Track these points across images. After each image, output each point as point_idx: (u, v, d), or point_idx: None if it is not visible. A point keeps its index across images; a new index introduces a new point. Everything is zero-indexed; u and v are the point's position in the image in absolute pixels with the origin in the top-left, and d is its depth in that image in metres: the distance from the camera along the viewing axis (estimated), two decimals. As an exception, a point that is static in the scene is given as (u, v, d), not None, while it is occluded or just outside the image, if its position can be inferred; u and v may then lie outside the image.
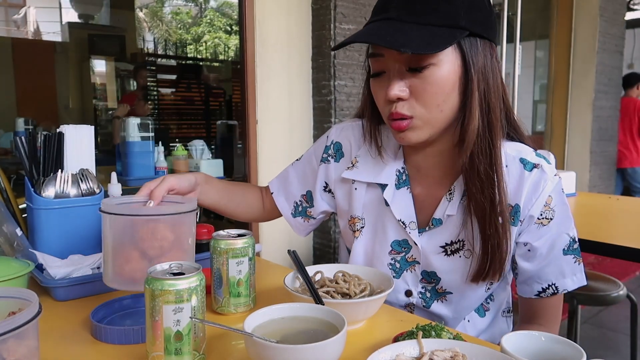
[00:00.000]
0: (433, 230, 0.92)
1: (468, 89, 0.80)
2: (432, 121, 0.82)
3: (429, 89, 0.79)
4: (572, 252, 0.89)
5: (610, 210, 2.29)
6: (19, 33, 4.73)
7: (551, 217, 0.87)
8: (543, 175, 0.86)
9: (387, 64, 0.81)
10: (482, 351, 0.62)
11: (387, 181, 0.94)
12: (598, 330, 2.93)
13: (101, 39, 5.00)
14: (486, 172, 0.82)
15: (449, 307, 0.94)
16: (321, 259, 2.63)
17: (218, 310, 0.88)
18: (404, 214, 0.93)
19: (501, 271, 0.88)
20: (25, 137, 1.02)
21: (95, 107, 5.19)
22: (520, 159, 0.88)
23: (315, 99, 2.56)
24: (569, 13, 4.24)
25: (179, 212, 0.78)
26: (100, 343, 0.76)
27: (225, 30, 6.67)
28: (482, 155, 0.82)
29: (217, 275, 0.87)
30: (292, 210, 1.09)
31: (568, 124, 4.36)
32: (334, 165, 1.02)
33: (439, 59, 0.78)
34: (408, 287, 0.96)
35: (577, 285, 0.90)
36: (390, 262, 0.96)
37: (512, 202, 0.87)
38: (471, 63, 0.79)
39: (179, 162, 2.70)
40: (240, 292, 0.87)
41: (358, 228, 0.99)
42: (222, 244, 0.86)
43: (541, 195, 0.86)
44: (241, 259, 0.86)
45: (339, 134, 1.03)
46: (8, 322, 0.52)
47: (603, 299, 1.94)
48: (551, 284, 0.90)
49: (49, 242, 0.99)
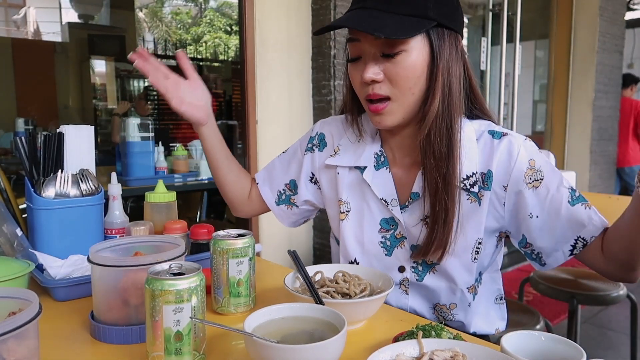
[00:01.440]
0: (412, 205, 0.97)
1: (433, 75, 0.88)
2: (405, 103, 0.89)
3: (401, 73, 0.87)
4: (577, 200, 0.90)
5: (610, 210, 2.28)
6: (19, 33, 4.74)
7: (541, 178, 0.90)
8: (513, 141, 0.92)
9: (363, 48, 0.89)
10: (482, 351, 0.62)
11: (366, 163, 1.01)
12: (598, 330, 2.93)
13: (101, 39, 5.00)
14: (440, 150, 0.89)
15: (440, 278, 0.97)
16: (321, 259, 2.63)
17: (218, 310, 0.87)
18: (385, 193, 0.99)
19: (443, 250, 0.92)
20: (25, 137, 1.02)
21: (95, 107, 5.19)
22: (489, 130, 0.94)
23: (315, 99, 2.56)
24: (569, 13, 4.24)
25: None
26: (100, 343, 0.76)
27: (225, 31, 6.67)
28: (438, 135, 0.89)
29: (217, 275, 0.87)
30: (276, 198, 1.14)
31: (568, 124, 4.36)
32: (318, 155, 1.10)
33: (409, 46, 0.86)
34: (400, 263, 0.99)
35: (601, 227, 0.89)
36: (381, 240, 1.00)
37: (484, 170, 0.92)
38: (438, 51, 0.87)
39: (179, 162, 2.70)
40: (240, 292, 0.87)
41: (344, 210, 1.03)
42: (222, 244, 0.86)
43: (518, 159, 0.90)
44: (241, 259, 0.86)
45: (323, 127, 1.12)
46: (8, 322, 0.52)
47: (603, 299, 1.94)
48: (577, 238, 0.90)
49: (49, 242, 0.99)
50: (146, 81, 5.09)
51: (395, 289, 1.00)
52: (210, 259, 0.88)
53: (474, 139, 0.94)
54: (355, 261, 1.02)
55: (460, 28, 0.91)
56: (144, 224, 1.09)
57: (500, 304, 1.06)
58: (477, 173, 0.92)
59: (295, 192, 1.12)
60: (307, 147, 1.12)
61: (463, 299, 0.98)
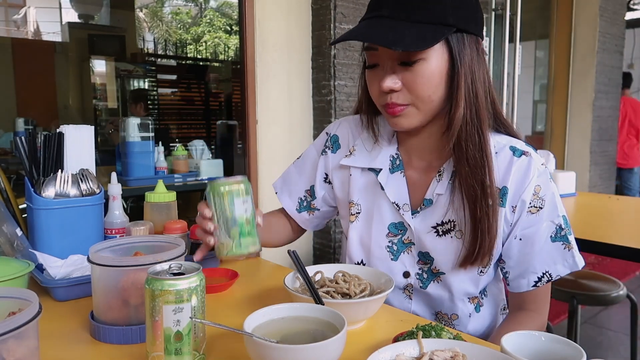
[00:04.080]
0: (425, 211, 0.96)
1: (454, 81, 0.86)
2: (423, 109, 0.88)
3: (419, 81, 0.85)
4: (560, 239, 0.92)
5: (610, 210, 2.29)
6: (19, 33, 4.73)
7: (540, 206, 0.91)
8: (531, 162, 0.91)
9: (381, 57, 0.88)
10: (482, 351, 0.62)
11: (381, 166, 1.00)
12: (598, 330, 2.93)
13: (101, 39, 4.99)
14: (474, 156, 0.88)
15: (444, 288, 0.97)
16: (321, 259, 2.63)
17: (229, 255, 0.85)
18: (397, 197, 0.98)
19: (490, 255, 0.91)
20: (25, 137, 1.02)
21: (95, 107, 5.18)
22: (510, 146, 0.93)
23: (315, 99, 2.56)
24: (569, 13, 4.23)
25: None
26: (100, 343, 0.76)
27: (225, 30, 6.66)
28: (470, 141, 0.88)
29: (222, 219, 0.84)
30: (297, 206, 1.13)
31: (568, 124, 4.35)
32: (332, 156, 1.09)
33: (428, 54, 0.84)
34: (406, 269, 0.99)
35: (571, 270, 0.93)
36: (388, 244, 0.99)
37: (499, 185, 0.91)
38: (458, 57, 0.85)
39: (179, 162, 2.70)
40: (249, 231, 0.84)
41: (354, 212, 1.03)
42: (224, 185, 0.83)
43: (531, 181, 0.90)
44: (245, 197, 0.84)
45: (337, 128, 1.10)
46: (8, 322, 0.52)
47: (603, 299, 1.94)
48: (545, 272, 0.92)
49: (49, 242, 0.99)
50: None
51: (399, 293, 1.00)
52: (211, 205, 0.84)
53: (493, 152, 0.91)
54: (362, 262, 1.02)
55: (480, 30, 0.89)
56: (144, 224, 1.09)
57: (505, 314, 1.06)
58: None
59: (314, 197, 1.11)
60: (322, 150, 1.11)
61: (464, 310, 0.98)
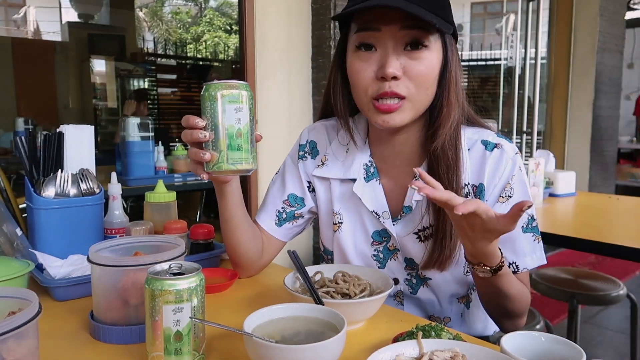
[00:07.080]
0: (405, 218, 0.95)
1: (445, 80, 0.85)
2: (417, 104, 0.85)
3: (422, 70, 0.82)
4: (531, 230, 0.91)
5: (610, 210, 2.29)
6: (19, 33, 4.73)
7: (510, 195, 0.90)
8: (504, 155, 0.91)
9: (382, 39, 0.82)
10: (482, 351, 0.62)
11: (355, 176, 0.97)
12: (598, 330, 2.93)
13: (101, 38, 5.00)
14: (452, 157, 0.87)
15: (433, 292, 0.97)
16: (321, 259, 2.63)
17: (215, 169, 0.76)
18: (376, 205, 0.96)
19: (451, 256, 0.89)
20: (25, 137, 1.02)
21: (95, 107, 5.18)
22: (482, 140, 0.92)
23: (315, 99, 2.56)
24: (569, 13, 4.23)
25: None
26: (100, 343, 0.76)
27: (225, 30, 6.66)
28: (448, 143, 0.87)
29: (211, 127, 0.75)
30: (276, 220, 1.05)
31: (568, 124, 4.35)
32: (311, 162, 1.05)
33: (431, 44, 0.83)
34: (394, 275, 0.98)
35: (537, 264, 0.91)
36: (374, 253, 0.99)
37: (476, 182, 0.91)
38: (450, 58, 0.85)
39: (179, 162, 2.70)
40: (240, 145, 0.75)
41: (336, 222, 1.01)
42: (218, 88, 0.74)
43: (504, 174, 0.90)
44: (240, 105, 0.74)
45: (311, 133, 1.07)
46: (8, 322, 0.52)
47: (603, 298, 1.94)
48: (511, 263, 0.91)
49: (49, 242, 0.99)
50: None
51: (390, 301, 1.00)
52: (203, 109, 0.76)
53: (466, 148, 0.91)
54: None
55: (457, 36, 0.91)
56: (144, 223, 1.09)
57: None
58: (469, 184, 0.91)
59: (302, 205, 1.04)
60: (299, 156, 1.05)
61: (456, 311, 0.98)
